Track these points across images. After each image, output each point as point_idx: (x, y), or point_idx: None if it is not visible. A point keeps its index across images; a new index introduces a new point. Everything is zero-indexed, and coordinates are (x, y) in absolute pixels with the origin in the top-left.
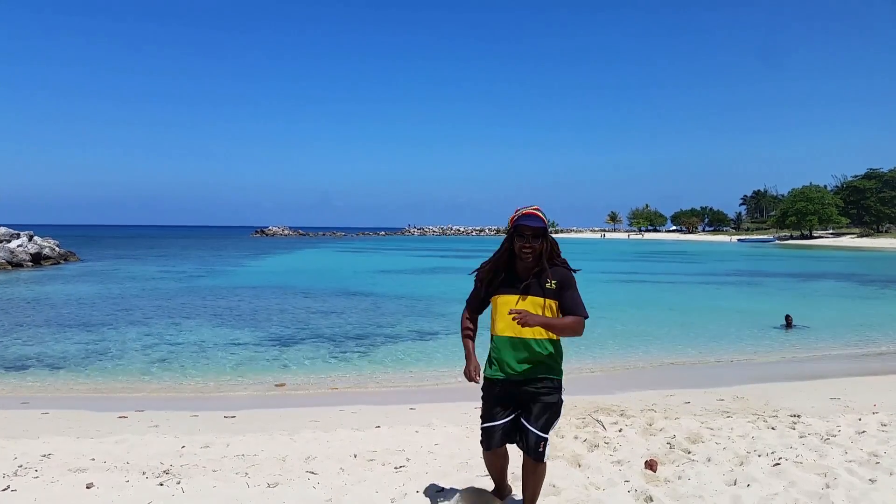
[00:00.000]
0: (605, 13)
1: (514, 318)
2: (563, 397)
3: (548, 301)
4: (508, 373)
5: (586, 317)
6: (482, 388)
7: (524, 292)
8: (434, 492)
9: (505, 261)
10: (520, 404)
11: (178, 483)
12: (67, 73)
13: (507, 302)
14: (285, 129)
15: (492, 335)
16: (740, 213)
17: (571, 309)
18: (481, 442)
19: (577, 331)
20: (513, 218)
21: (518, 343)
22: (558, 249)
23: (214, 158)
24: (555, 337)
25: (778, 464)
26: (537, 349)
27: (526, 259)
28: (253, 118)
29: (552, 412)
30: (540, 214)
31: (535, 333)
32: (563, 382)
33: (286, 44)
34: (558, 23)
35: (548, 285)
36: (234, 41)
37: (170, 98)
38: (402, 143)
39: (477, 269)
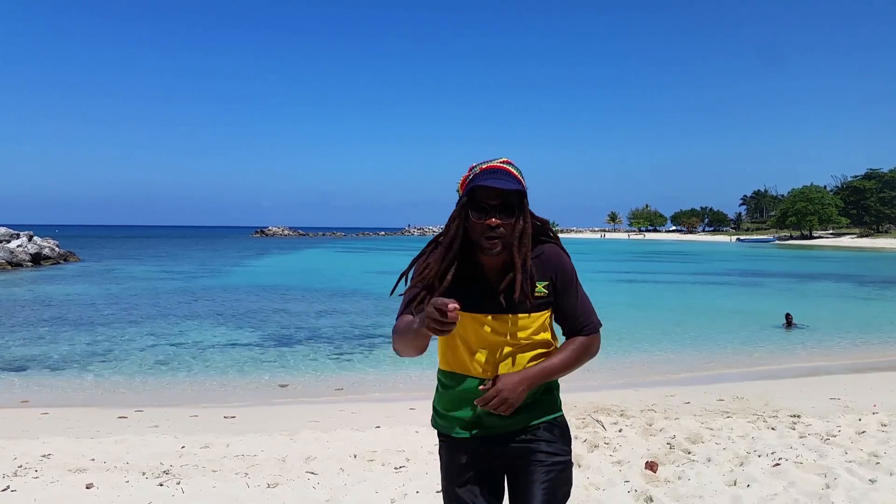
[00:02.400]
0: (605, 14)
1: (485, 406)
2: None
3: (542, 316)
4: (478, 433)
5: (600, 325)
6: (439, 452)
7: (506, 309)
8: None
9: (456, 253)
10: (505, 468)
11: (178, 483)
12: (67, 73)
13: (469, 325)
14: (285, 129)
15: (443, 372)
16: (740, 214)
17: (576, 316)
18: None
19: (591, 355)
20: (465, 178)
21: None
22: (548, 227)
23: (214, 158)
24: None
25: (778, 464)
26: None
27: (491, 249)
28: (253, 118)
29: (561, 480)
30: (512, 170)
31: (529, 360)
32: (561, 383)
33: (286, 44)
34: (560, 22)
35: (538, 290)
36: (233, 41)
37: (169, 98)
38: (402, 143)
39: (410, 273)
